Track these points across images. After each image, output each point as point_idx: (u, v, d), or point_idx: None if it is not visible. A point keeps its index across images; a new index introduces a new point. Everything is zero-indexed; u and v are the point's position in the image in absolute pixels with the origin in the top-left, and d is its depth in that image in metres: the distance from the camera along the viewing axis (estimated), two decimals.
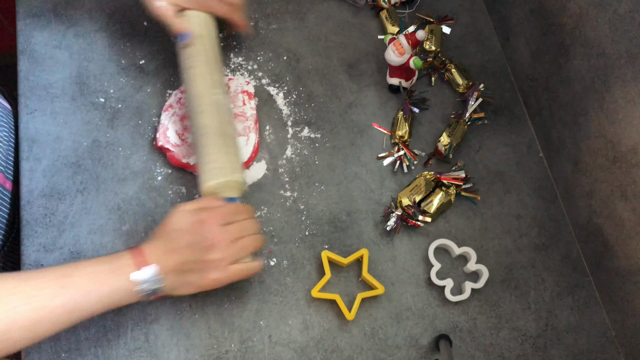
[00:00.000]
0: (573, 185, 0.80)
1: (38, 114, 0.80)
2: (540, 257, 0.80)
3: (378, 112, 0.86)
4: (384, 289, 0.74)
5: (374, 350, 0.73)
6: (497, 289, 0.78)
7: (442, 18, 0.92)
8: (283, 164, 0.82)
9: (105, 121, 0.81)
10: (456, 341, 0.74)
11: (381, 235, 0.79)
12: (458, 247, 0.77)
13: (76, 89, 0.82)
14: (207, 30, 0.77)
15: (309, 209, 0.79)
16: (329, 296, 0.73)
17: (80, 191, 0.77)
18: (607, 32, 0.68)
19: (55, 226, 0.74)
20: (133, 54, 0.85)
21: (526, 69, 0.87)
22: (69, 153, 0.79)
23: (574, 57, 0.75)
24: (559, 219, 0.83)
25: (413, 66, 0.80)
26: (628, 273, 0.72)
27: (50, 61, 0.83)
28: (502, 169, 0.85)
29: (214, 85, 0.74)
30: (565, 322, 0.77)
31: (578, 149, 0.78)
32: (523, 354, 0.75)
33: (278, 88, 0.86)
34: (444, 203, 0.79)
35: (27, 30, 0.84)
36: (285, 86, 0.87)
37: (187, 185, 0.79)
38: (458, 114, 0.86)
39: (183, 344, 0.71)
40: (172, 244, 0.64)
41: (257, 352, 0.72)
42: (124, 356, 0.70)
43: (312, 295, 0.72)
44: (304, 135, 0.84)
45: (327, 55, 0.89)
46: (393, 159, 0.83)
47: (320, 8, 0.92)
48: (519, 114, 0.89)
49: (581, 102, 0.75)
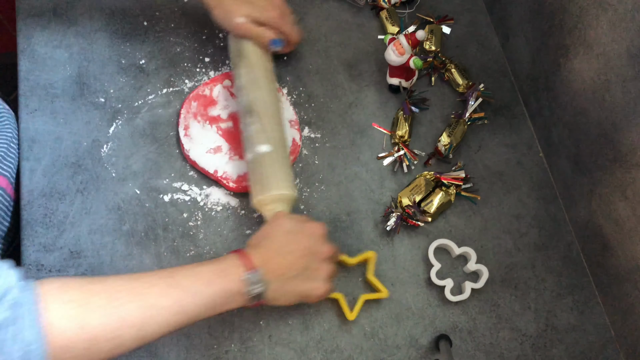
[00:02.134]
0: (573, 185, 0.80)
1: (38, 114, 0.80)
2: (540, 257, 0.80)
3: (378, 112, 0.86)
4: (388, 293, 0.73)
5: (374, 350, 0.73)
6: (497, 289, 0.78)
7: (442, 18, 0.92)
8: None
9: (105, 121, 0.81)
10: (456, 341, 0.74)
11: (381, 235, 0.79)
12: (458, 247, 0.77)
13: (76, 89, 0.82)
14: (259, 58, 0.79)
15: (309, 209, 0.79)
16: (332, 295, 0.73)
17: (80, 191, 0.77)
18: (607, 32, 0.68)
19: (55, 226, 0.74)
20: (133, 54, 0.85)
21: (526, 69, 0.87)
22: (69, 153, 0.79)
23: (574, 57, 0.75)
24: (559, 219, 0.83)
25: (413, 66, 0.80)
26: (628, 273, 0.72)
27: (50, 61, 0.83)
28: (502, 169, 0.85)
29: (275, 98, 0.77)
30: (565, 322, 0.77)
31: (578, 149, 0.78)
32: (523, 354, 0.75)
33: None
34: (444, 203, 0.79)
35: (27, 30, 0.84)
36: (285, 86, 0.87)
37: (188, 184, 0.79)
38: (458, 114, 0.86)
39: (183, 344, 0.71)
40: (281, 246, 0.63)
41: (257, 352, 0.72)
42: (124, 356, 0.70)
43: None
44: (304, 135, 0.84)
45: (327, 55, 0.89)
46: (393, 159, 0.83)
47: (320, 8, 0.92)
48: (519, 114, 0.89)
49: (581, 102, 0.75)
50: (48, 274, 0.72)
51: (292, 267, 0.63)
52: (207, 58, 0.87)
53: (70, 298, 0.50)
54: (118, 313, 0.52)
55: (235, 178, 0.78)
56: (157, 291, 0.55)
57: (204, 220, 0.77)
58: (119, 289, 0.54)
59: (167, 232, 0.76)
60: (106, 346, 0.51)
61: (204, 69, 0.86)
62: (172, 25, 0.88)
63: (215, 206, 0.78)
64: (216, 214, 0.78)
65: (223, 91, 0.83)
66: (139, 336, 0.54)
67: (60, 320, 0.48)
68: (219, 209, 0.78)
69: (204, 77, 0.85)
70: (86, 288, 0.52)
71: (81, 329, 0.50)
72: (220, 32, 0.88)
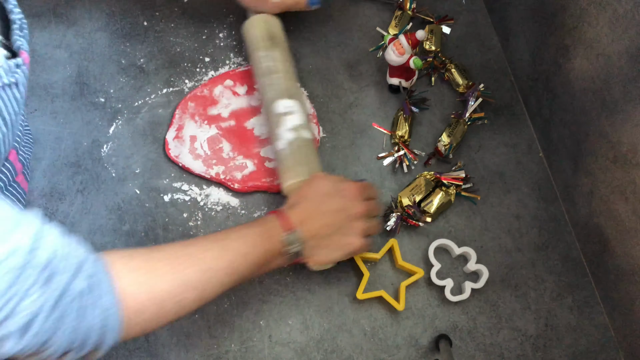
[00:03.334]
0: (573, 185, 0.80)
1: (38, 114, 0.80)
2: (540, 257, 0.80)
3: (378, 112, 0.86)
4: (423, 272, 0.75)
5: (374, 350, 0.73)
6: (497, 289, 0.78)
7: (442, 18, 0.92)
8: None
9: (105, 121, 0.81)
10: (456, 341, 0.74)
11: (381, 235, 0.79)
12: (458, 247, 0.77)
13: (76, 89, 0.82)
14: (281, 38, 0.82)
15: None
16: (375, 294, 0.73)
17: (80, 191, 0.77)
18: (607, 32, 0.68)
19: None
20: (133, 54, 0.86)
21: (526, 69, 0.87)
22: (69, 153, 0.79)
23: (574, 57, 0.75)
24: (559, 219, 0.83)
25: (413, 66, 0.80)
26: (628, 273, 0.72)
27: (50, 61, 0.83)
28: (502, 169, 0.85)
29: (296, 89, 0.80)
30: (565, 322, 0.77)
31: (578, 149, 0.78)
32: (523, 354, 0.75)
33: None
34: (444, 203, 0.79)
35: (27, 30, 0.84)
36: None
37: (188, 184, 0.79)
38: (458, 114, 0.86)
39: (183, 344, 0.71)
40: (317, 207, 0.67)
41: (257, 352, 0.72)
42: (124, 356, 0.70)
43: (358, 297, 0.73)
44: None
45: (327, 55, 0.89)
46: (393, 159, 0.83)
47: (320, 8, 0.92)
48: (519, 114, 0.89)
49: (581, 102, 0.75)
50: None
51: (326, 226, 0.66)
52: (207, 58, 0.87)
53: (138, 265, 0.54)
54: (181, 278, 0.55)
55: (240, 178, 0.78)
56: (212, 255, 0.59)
57: (204, 220, 0.77)
58: (179, 254, 0.57)
59: (167, 232, 0.76)
60: (173, 308, 0.55)
61: (204, 69, 0.86)
62: (172, 25, 0.88)
63: (215, 206, 0.78)
64: (216, 214, 0.78)
65: (225, 91, 0.83)
66: (200, 297, 0.57)
67: (131, 286, 0.52)
68: (219, 209, 0.78)
69: (204, 77, 0.85)
70: (149, 256, 0.56)
71: (151, 294, 0.53)
72: (220, 32, 0.88)
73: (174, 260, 0.56)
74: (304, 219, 0.66)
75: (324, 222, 0.66)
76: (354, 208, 0.68)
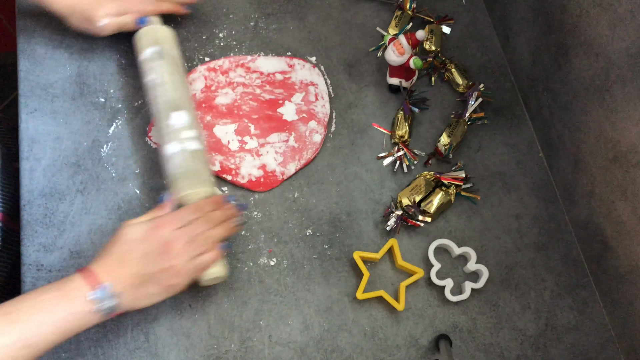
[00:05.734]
0: (573, 185, 0.80)
1: (38, 114, 0.80)
2: (540, 257, 0.80)
3: (378, 112, 0.86)
4: (423, 272, 0.75)
5: (374, 350, 0.73)
6: (497, 289, 0.78)
7: (442, 18, 0.92)
8: None
9: (105, 121, 0.81)
10: (456, 341, 0.74)
11: (381, 235, 0.79)
12: (458, 247, 0.77)
13: (76, 89, 0.82)
14: (169, 43, 0.80)
15: (309, 209, 0.79)
16: (375, 294, 0.73)
17: (80, 191, 0.77)
18: (607, 32, 0.68)
19: (55, 226, 0.74)
20: (133, 54, 0.85)
21: (526, 69, 0.87)
22: (69, 153, 0.79)
23: (574, 57, 0.75)
24: (559, 219, 0.83)
25: (413, 66, 0.80)
26: (628, 273, 0.72)
27: (50, 61, 0.83)
28: (502, 169, 0.85)
29: (187, 97, 0.77)
30: (565, 322, 0.77)
31: (578, 149, 0.78)
32: (523, 354, 0.75)
33: None
34: (444, 203, 0.79)
35: (27, 30, 0.84)
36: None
37: None
38: (458, 114, 0.86)
39: (183, 344, 0.71)
40: (125, 256, 0.62)
41: (257, 352, 0.72)
42: (124, 356, 0.70)
43: (358, 297, 0.73)
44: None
45: (327, 55, 0.89)
46: (393, 159, 0.83)
47: (320, 8, 0.92)
48: (519, 114, 0.89)
49: (581, 102, 0.75)
50: (48, 274, 0.72)
51: (140, 273, 0.62)
52: (207, 58, 0.87)
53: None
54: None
55: (247, 174, 0.79)
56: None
57: None
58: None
59: None
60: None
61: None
62: (172, 25, 0.88)
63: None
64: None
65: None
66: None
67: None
68: None
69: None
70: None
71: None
72: (220, 32, 0.88)
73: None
74: (114, 270, 0.61)
75: (135, 270, 0.61)
76: (162, 246, 0.63)
